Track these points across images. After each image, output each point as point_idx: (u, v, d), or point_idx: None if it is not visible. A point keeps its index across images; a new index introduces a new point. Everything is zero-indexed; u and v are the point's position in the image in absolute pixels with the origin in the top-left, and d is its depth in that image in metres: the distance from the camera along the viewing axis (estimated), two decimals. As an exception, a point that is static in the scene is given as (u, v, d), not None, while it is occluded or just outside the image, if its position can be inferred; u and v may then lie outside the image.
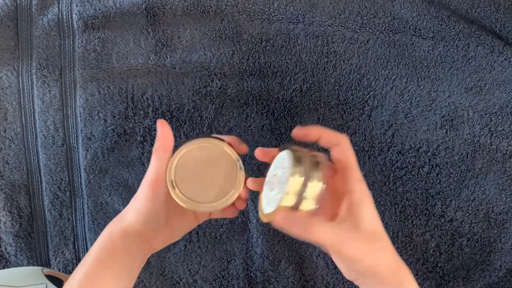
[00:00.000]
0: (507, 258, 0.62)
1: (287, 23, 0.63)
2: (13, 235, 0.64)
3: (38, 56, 0.63)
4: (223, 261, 0.64)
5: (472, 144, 0.62)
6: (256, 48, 0.63)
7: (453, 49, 0.62)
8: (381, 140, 0.63)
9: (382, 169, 0.63)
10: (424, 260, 0.63)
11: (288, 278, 0.64)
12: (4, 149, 0.64)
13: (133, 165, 0.64)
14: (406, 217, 0.63)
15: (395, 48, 0.62)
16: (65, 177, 0.64)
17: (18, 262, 0.65)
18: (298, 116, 0.63)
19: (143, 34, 0.63)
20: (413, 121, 0.63)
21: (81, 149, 0.63)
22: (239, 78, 0.63)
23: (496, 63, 0.61)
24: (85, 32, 0.63)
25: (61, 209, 0.65)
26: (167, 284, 0.65)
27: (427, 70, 0.62)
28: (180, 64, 0.63)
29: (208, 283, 0.64)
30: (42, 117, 0.63)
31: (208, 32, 0.63)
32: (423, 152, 0.63)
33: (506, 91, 0.62)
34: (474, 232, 0.63)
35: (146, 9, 0.63)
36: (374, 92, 0.63)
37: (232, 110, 0.63)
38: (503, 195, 0.62)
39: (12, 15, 0.63)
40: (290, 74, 0.63)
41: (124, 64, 0.63)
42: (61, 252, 0.65)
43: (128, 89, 0.63)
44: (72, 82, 0.63)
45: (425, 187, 0.63)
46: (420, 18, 0.62)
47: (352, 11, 0.62)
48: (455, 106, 0.62)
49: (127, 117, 0.63)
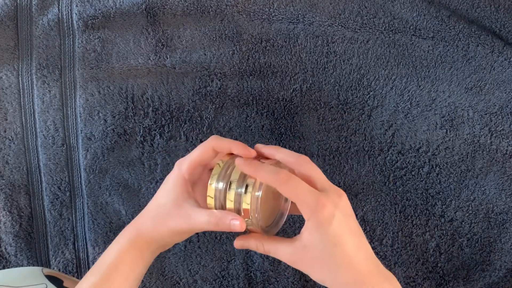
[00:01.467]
0: (507, 258, 0.62)
1: (287, 23, 0.63)
2: (13, 235, 0.64)
3: (38, 56, 0.63)
4: (223, 261, 0.64)
5: (472, 144, 0.62)
6: (256, 48, 0.63)
7: (453, 49, 0.62)
8: (381, 140, 0.63)
9: (382, 169, 0.63)
10: (424, 260, 0.63)
11: (288, 278, 0.64)
12: (4, 149, 0.64)
13: (133, 165, 0.64)
14: (406, 217, 0.63)
15: (395, 48, 0.62)
16: (65, 177, 0.64)
17: (18, 262, 0.65)
18: (298, 116, 0.63)
19: (143, 34, 0.63)
20: (413, 121, 0.63)
21: (81, 149, 0.63)
22: (239, 78, 0.63)
23: (496, 63, 0.61)
24: (85, 32, 0.63)
25: (61, 209, 0.65)
26: (167, 284, 0.65)
27: (427, 70, 0.62)
28: (180, 64, 0.63)
29: (208, 283, 0.64)
30: (42, 117, 0.63)
31: (208, 32, 0.63)
32: (423, 152, 0.63)
33: (506, 91, 0.62)
34: (474, 232, 0.63)
35: (146, 9, 0.63)
36: (374, 92, 0.63)
37: (232, 110, 0.63)
38: (503, 195, 0.62)
39: (12, 15, 0.63)
40: (290, 74, 0.63)
41: (124, 64, 0.63)
42: (61, 252, 0.65)
43: (128, 89, 0.63)
44: (72, 82, 0.63)
45: (425, 187, 0.63)
46: (420, 18, 0.62)
47: (352, 11, 0.62)
48: (455, 106, 0.62)
49: (127, 117, 0.63)
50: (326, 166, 0.63)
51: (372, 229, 0.64)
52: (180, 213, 0.42)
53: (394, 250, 0.63)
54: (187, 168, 0.43)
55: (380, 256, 0.63)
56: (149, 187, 0.64)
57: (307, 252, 0.39)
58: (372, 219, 0.64)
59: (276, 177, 0.39)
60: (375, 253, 0.41)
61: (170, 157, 0.63)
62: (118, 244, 0.44)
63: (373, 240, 0.64)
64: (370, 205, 0.64)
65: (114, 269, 0.42)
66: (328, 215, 0.38)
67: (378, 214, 0.64)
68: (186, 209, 0.42)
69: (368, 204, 0.64)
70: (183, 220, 0.41)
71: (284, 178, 0.39)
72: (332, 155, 0.63)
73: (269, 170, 0.39)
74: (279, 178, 0.39)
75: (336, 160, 0.64)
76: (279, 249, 0.40)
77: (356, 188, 0.63)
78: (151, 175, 0.64)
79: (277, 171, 0.39)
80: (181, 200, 0.42)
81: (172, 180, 0.43)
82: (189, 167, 0.43)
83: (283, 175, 0.39)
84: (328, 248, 0.38)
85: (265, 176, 0.39)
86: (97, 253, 0.65)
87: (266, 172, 0.39)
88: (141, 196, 0.64)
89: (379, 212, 0.64)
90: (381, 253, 0.64)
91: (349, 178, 0.63)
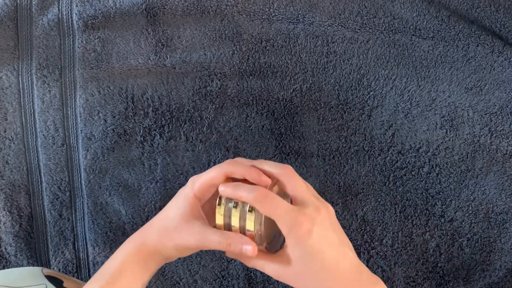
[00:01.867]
0: (507, 258, 0.62)
1: (287, 23, 0.63)
2: (13, 235, 0.64)
3: (38, 56, 0.63)
4: (223, 261, 0.64)
5: (472, 144, 0.62)
6: (256, 48, 0.63)
7: (453, 49, 0.62)
8: (381, 140, 0.63)
9: (382, 169, 0.63)
10: (424, 260, 0.63)
11: (288, 278, 0.64)
12: (4, 149, 0.64)
13: (133, 165, 0.64)
14: (406, 217, 0.63)
15: (395, 48, 0.62)
16: (65, 177, 0.64)
17: (18, 262, 0.65)
18: (298, 116, 0.63)
19: (143, 34, 0.63)
20: (413, 121, 0.63)
21: (81, 149, 0.63)
22: (239, 78, 0.63)
23: (496, 63, 0.61)
24: (85, 32, 0.63)
25: (61, 209, 0.65)
26: (167, 284, 0.65)
27: (427, 70, 0.62)
28: (180, 64, 0.63)
29: (208, 283, 0.64)
30: (42, 117, 0.63)
31: (208, 32, 0.63)
32: (423, 152, 0.63)
33: (506, 91, 0.62)
34: (474, 232, 0.63)
35: (146, 9, 0.63)
36: (374, 92, 0.63)
37: (232, 110, 0.63)
38: (503, 195, 0.62)
39: (12, 15, 0.63)
40: (290, 74, 0.63)
41: (124, 64, 0.63)
42: (61, 252, 0.65)
43: (128, 89, 0.63)
44: (72, 82, 0.63)
45: (425, 187, 0.63)
46: (420, 18, 0.62)
47: (352, 11, 0.62)
48: (455, 106, 0.62)
49: (127, 117, 0.63)
50: (326, 166, 0.64)
51: (372, 229, 0.64)
52: (188, 229, 0.42)
53: (394, 250, 0.63)
54: (199, 188, 0.43)
55: (380, 256, 0.64)
56: (149, 187, 0.64)
57: (290, 268, 0.40)
58: (372, 219, 0.64)
59: (253, 196, 0.39)
60: (375, 253, 0.41)
61: (170, 157, 0.63)
62: (124, 252, 0.44)
63: (373, 240, 0.64)
64: (370, 205, 0.64)
65: (119, 275, 0.42)
66: (305, 231, 0.39)
67: (378, 214, 0.64)
68: (196, 226, 0.42)
69: (368, 204, 0.64)
70: (192, 237, 0.42)
71: (260, 196, 0.39)
72: (332, 155, 0.63)
73: (247, 189, 0.40)
74: (256, 196, 0.39)
75: (336, 160, 0.64)
76: (265, 265, 0.41)
77: (356, 188, 0.63)
78: (151, 175, 0.64)
79: (254, 189, 0.40)
80: (191, 217, 0.43)
81: (183, 196, 0.44)
82: (201, 187, 0.43)
83: (259, 193, 0.39)
84: (308, 262, 0.39)
85: (243, 195, 0.40)
86: (97, 253, 0.65)
87: (244, 191, 0.40)
88: (141, 196, 0.64)
89: (379, 212, 0.64)
90: (381, 253, 0.64)
91: (349, 178, 0.63)
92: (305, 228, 0.39)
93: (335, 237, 0.40)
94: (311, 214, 0.39)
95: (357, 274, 0.40)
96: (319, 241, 0.39)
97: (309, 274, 0.39)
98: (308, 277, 0.39)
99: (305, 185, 0.42)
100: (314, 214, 0.40)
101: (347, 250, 0.41)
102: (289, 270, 0.40)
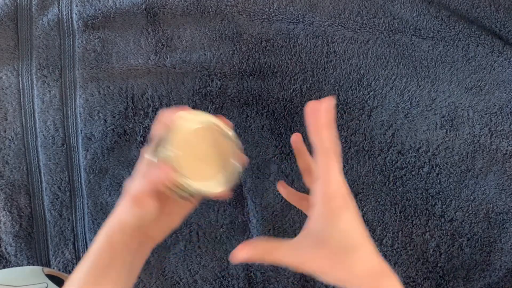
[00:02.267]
0: (507, 258, 0.62)
1: (287, 23, 0.63)
2: (13, 235, 0.64)
3: (38, 56, 0.63)
4: (223, 261, 0.64)
5: (472, 144, 0.62)
6: (256, 48, 0.63)
7: (453, 49, 0.62)
8: (381, 140, 0.63)
9: (382, 169, 0.63)
10: (424, 260, 0.63)
11: (288, 278, 0.64)
12: (4, 149, 0.64)
13: (133, 165, 0.64)
14: (406, 217, 0.63)
15: (395, 48, 0.62)
16: (65, 177, 0.64)
17: (18, 262, 0.65)
18: (298, 116, 0.63)
19: (143, 34, 0.63)
20: (413, 121, 0.63)
21: (81, 149, 0.63)
22: (239, 78, 0.63)
23: (496, 63, 0.61)
24: (85, 32, 0.63)
25: (61, 209, 0.65)
26: (167, 284, 0.65)
27: (427, 70, 0.62)
28: (180, 64, 0.63)
29: (208, 283, 0.64)
30: (42, 117, 0.63)
31: (208, 32, 0.63)
32: (423, 152, 0.63)
33: (506, 91, 0.62)
34: (474, 232, 0.63)
35: (146, 9, 0.63)
36: (374, 92, 0.63)
37: (232, 110, 0.63)
38: (503, 195, 0.62)
39: (12, 15, 0.63)
40: (290, 74, 0.63)
41: (124, 64, 0.63)
42: (61, 252, 0.65)
43: (128, 89, 0.63)
44: (72, 82, 0.63)
45: (425, 187, 0.63)
46: (420, 18, 0.62)
47: (352, 11, 0.62)
48: (455, 106, 0.62)
49: (127, 117, 0.63)
50: (326, 166, 0.63)
51: (372, 229, 0.64)
52: (139, 179, 0.43)
53: (394, 250, 0.64)
54: None
55: (380, 256, 0.64)
56: (149, 187, 0.64)
57: (319, 250, 0.37)
58: (372, 219, 0.64)
59: None
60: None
61: (170, 157, 0.63)
62: (103, 232, 0.43)
63: (373, 240, 0.64)
64: (370, 205, 0.64)
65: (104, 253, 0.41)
66: (343, 204, 0.36)
67: (378, 214, 0.64)
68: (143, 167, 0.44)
69: (368, 204, 0.64)
70: (142, 179, 0.43)
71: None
72: (332, 155, 0.63)
73: None
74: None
75: (336, 160, 0.64)
76: (285, 255, 0.38)
77: (356, 188, 0.63)
78: (151, 175, 0.64)
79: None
80: None
81: None
82: None
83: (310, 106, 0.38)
84: (341, 239, 0.36)
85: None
86: (97, 253, 0.65)
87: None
88: (141, 196, 0.64)
89: (379, 212, 0.64)
90: (381, 253, 0.63)
91: (349, 178, 0.63)
92: (342, 201, 0.36)
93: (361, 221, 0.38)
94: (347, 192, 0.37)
95: (374, 257, 0.38)
96: (354, 218, 0.36)
97: (344, 254, 0.36)
98: (341, 258, 0.36)
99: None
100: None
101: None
102: (320, 252, 0.36)
